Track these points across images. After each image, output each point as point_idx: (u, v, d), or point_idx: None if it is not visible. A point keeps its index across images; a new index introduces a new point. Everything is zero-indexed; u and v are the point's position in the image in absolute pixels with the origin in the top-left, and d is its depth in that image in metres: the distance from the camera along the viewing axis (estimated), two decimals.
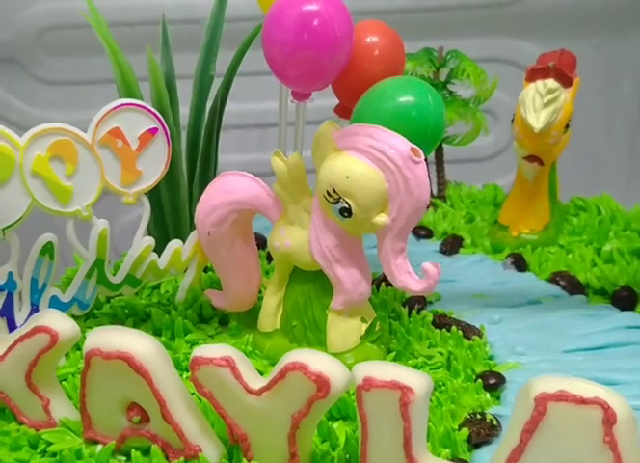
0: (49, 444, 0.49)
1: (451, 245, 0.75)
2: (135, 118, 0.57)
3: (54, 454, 0.48)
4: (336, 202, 0.51)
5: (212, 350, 0.45)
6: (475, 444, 0.49)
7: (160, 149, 0.58)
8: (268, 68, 0.57)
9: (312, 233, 0.54)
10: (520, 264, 0.71)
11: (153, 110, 0.57)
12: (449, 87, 0.81)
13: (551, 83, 0.65)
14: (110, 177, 0.57)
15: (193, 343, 0.59)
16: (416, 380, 0.42)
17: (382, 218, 0.51)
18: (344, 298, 0.54)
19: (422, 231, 0.78)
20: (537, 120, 0.65)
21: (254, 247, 0.60)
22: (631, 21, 1.13)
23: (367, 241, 0.56)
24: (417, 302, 0.64)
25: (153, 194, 0.63)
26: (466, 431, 0.49)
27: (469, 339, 0.59)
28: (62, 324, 0.48)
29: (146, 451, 0.48)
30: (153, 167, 0.58)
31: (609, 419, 0.39)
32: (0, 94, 1.05)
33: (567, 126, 0.68)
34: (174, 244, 0.61)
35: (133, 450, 0.47)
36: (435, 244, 0.76)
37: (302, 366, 0.43)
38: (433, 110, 0.55)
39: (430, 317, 0.61)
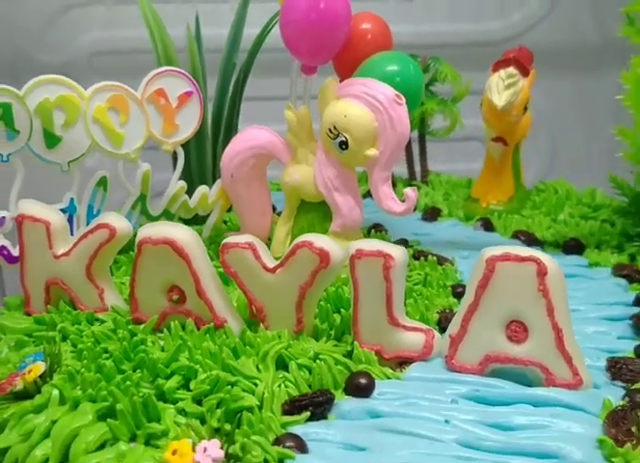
0: (103, 322, 0.59)
1: (431, 214, 0.87)
2: (175, 82, 0.69)
3: (107, 327, 0.58)
4: (336, 137, 0.63)
5: (238, 238, 0.57)
6: (443, 327, 0.59)
7: (194, 109, 0.70)
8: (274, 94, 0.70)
9: (317, 168, 0.65)
10: (487, 226, 0.83)
11: (190, 76, 0.70)
12: (431, 89, 0.94)
13: (512, 70, 0.78)
14: (154, 128, 0.69)
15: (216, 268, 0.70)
16: (396, 251, 0.53)
17: (372, 151, 0.63)
18: (341, 221, 0.66)
19: None
20: (500, 99, 0.77)
21: (268, 189, 0.72)
22: (606, 59, 1.25)
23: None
24: (400, 243, 0.75)
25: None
26: (437, 316, 0.60)
27: (442, 265, 0.70)
28: (119, 222, 0.59)
29: (182, 328, 0.58)
30: (188, 122, 0.71)
31: (541, 270, 0.50)
32: None
33: (525, 108, 0.81)
34: (202, 189, 0.72)
35: (172, 323, 0.57)
36: (417, 215, 0.88)
37: (308, 243, 0.54)
38: (413, 77, 0.67)
39: (410, 252, 0.72)
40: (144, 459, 0.44)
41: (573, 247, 0.76)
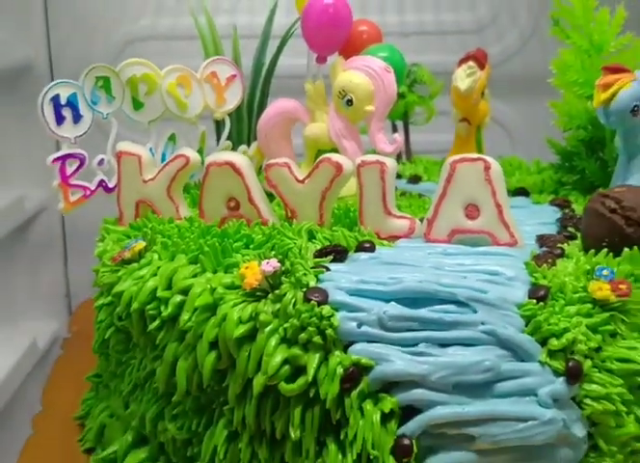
0: None
1: (414, 180, 1.08)
2: (224, 67, 0.91)
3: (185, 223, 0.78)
4: (344, 96, 0.85)
5: (277, 159, 0.78)
6: None
7: (238, 87, 0.92)
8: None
9: (329, 123, 0.87)
10: None
11: (234, 63, 0.92)
12: (412, 89, 1.17)
13: (471, 63, 1.00)
14: (209, 101, 0.91)
15: None
16: (389, 161, 0.74)
17: (370, 107, 0.84)
18: None
19: None
20: (463, 84, 0.99)
21: (292, 146, 0.93)
22: None
23: None
24: None
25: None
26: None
27: (422, 197, 0.91)
28: (192, 154, 0.80)
29: None
30: (233, 97, 0.92)
31: (487, 166, 0.70)
32: None
33: (482, 94, 1.03)
34: (243, 147, 0.94)
35: (230, 222, 0.77)
36: (403, 181, 1.09)
37: (327, 159, 0.75)
38: (398, 61, 0.90)
39: (398, 192, 0.94)
40: (225, 279, 0.64)
41: (519, 193, 0.98)
